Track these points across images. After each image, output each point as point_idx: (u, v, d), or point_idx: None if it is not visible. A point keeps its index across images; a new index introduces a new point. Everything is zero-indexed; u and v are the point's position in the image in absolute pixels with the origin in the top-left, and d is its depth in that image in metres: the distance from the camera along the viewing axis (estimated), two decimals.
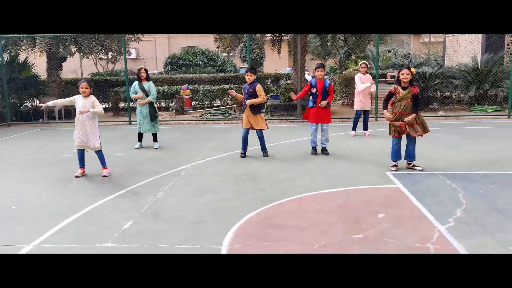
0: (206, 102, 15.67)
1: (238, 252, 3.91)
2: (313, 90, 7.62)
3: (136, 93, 8.66)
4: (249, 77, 7.59)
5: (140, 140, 8.93)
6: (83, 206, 5.30)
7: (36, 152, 8.87)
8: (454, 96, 15.08)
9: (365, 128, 9.86)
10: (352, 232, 4.28)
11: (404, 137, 6.49)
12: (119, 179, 6.55)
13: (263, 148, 7.82)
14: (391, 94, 6.40)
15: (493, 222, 4.44)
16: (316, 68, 7.66)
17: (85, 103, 6.47)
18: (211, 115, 14.00)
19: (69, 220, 4.84)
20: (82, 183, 6.41)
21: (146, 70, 8.80)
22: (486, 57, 14.58)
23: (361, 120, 9.84)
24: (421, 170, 6.43)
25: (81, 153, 6.71)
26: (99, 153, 6.70)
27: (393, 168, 6.52)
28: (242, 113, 7.83)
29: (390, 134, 6.52)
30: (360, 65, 9.91)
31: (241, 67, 25.03)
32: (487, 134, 9.61)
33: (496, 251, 3.79)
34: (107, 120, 13.51)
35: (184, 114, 14.35)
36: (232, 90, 8.00)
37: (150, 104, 8.72)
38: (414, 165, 6.56)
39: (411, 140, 6.47)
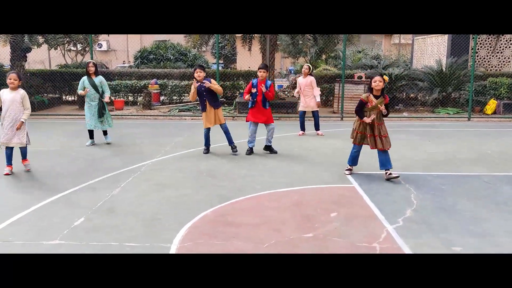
0: (175, 97, 15.56)
1: (187, 251, 3.92)
2: (253, 90, 7.61)
3: (84, 89, 8.43)
4: (199, 74, 7.46)
5: (91, 136, 8.65)
6: (37, 202, 5.20)
7: None
8: (419, 98, 15.45)
9: (317, 128, 9.94)
10: (303, 230, 4.36)
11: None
12: (76, 174, 6.45)
13: (231, 142, 7.81)
14: (362, 103, 6.11)
15: (439, 222, 4.59)
16: (259, 69, 7.64)
17: (14, 97, 6.18)
18: (179, 111, 13.90)
19: (20, 216, 4.74)
20: (38, 178, 6.28)
21: (94, 64, 8.47)
22: (450, 60, 14.99)
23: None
24: (397, 177, 6.04)
25: (10, 150, 6.41)
26: (24, 149, 6.52)
27: (347, 172, 6.48)
28: (203, 112, 7.67)
29: (353, 141, 6.27)
30: (302, 67, 9.99)
31: (213, 63, 24.92)
32: (446, 135, 9.90)
33: (438, 250, 3.92)
34: (71, 114, 13.26)
35: (151, 109, 14.21)
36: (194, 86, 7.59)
37: (99, 99, 8.44)
38: (390, 174, 6.07)
39: (383, 152, 6.11)
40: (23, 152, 6.56)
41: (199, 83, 7.46)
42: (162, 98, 15.38)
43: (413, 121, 12.59)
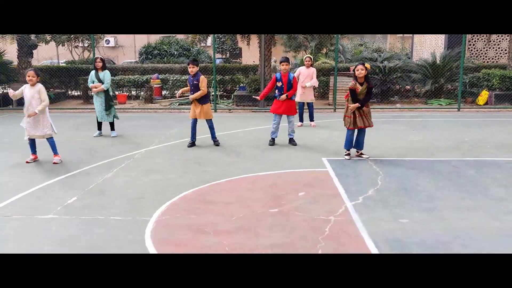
0: (176, 91, 16.07)
1: (164, 224, 4.43)
2: (279, 84, 8.06)
3: (93, 82, 8.98)
4: (191, 69, 7.89)
5: (99, 128, 9.23)
6: (36, 184, 5.75)
7: (2, 136, 9.22)
8: (412, 89, 15.78)
9: (311, 119, 10.35)
10: (271, 206, 4.85)
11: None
12: (74, 161, 6.99)
13: (214, 137, 8.23)
14: (353, 90, 6.76)
15: (396, 200, 5.05)
16: (281, 62, 8.04)
17: (32, 93, 6.69)
18: (178, 104, 14.42)
19: (19, 196, 5.30)
20: (39, 164, 6.83)
21: (102, 59, 9.03)
22: (444, 52, 15.29)
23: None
24: (368, 157, 6.93)
25: (32, 140, 6.97)
26: (50, 140, 6.97)
27: (347, 157, 6.99)
28: (190, 104, 8.17)
29: (346, 126, 6.94)
30: (304, 59, 10.40)
31: (216, 58, 25.38)
32: (432, 125, 10.28)
33: (388, 222, 4.38)
34: (76, 107, 13.84)
35: (152, 103, 14.75)
36: (179, 92, 8.28)
37: (106, 92, 8.95)
38: (362, 153, 7.04)
39: (362, 132, 6.97)
40: (51, 145, 6.95)
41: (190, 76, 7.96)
42: (163, 92, 15.93)
43: (404, 112, 12.95)
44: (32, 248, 3.90)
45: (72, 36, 15.49)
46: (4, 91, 15.63)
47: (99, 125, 9.23)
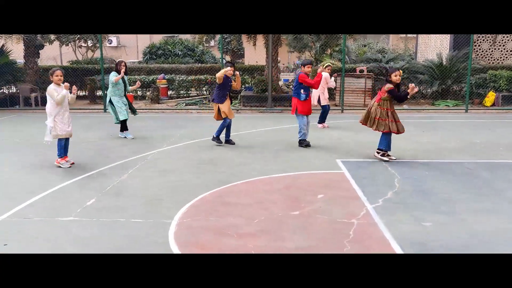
0: (182, 92, 16.09)
1: (186, 227, 4.44)
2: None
3: (124, 85, 8.95)
4: (231, 71, 8.04)
5: (126, 128, 9.02)
6: (53, 185, 5.75)
7: (12, 136, 9.23)
8: (421, 90, 15.78)
9: (323, 121, 10.44)
10: (291, 209, 4.85)
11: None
12: (88, 162, 7.00)
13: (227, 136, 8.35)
14: (393, 90, 6.70)
15: (415, 202, 5.06)
16: (305, 65, 7.95)
17: (61, 91, 6.62)
18: (185, 105, 14.43)
19: (38, 197, 5.30)
20: (53, 166, 6.83)
21: (125, 64, 8.98)
22: (450, 53, 15.29)
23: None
24: (393, 159, 6.93)
25: (66, 141, 6.77)
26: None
27: (393, 157, 6.99)
28: (222, 103, 8.10)
29: (380, 130, 6.80)
30: (326, 66, 10.59)
31: (219, 58, 25.36)
32: (440, 127, 10.29)
33: (410, 225, 4.39)
34: (83, 108, 13.84)
35: (159, 103, 14.75)
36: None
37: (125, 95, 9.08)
38: (386, 154, 6.98)
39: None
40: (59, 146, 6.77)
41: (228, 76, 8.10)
42: (169, 92, 15.93)
43: (412, 113, 12.95)
44: (56, 250, 3.90)
45: (77, 35, 15.48)
46: (10, 91, 15.65)
47: (125, 125, 9.02)
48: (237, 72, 8.22)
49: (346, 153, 7.44)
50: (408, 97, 6.88)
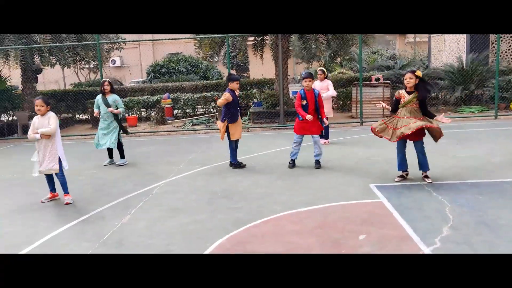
0: (188, 110, 15.28)
1: None
2: (303, 102, 7.14)
3: (99, 107, 8.21)
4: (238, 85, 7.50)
5: (110, 156, 8.44)
6: (42, 235, 4.87)
7: (3, 172, 8.40)
8: (440, 97, 14.85)
9: (326, 137, 9.35)
10: None
11: (410, 144, 6.15)
12: (85, 201, 6.12)
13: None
14: (397, 100, 6.12)
15: (482, 240, 4.10)
16: (304, 78, 7.13)
17: (43, 123, 5.89)
18: (192, 124, 13.59)
19: (23, 252, 4.41)
20: (46, 207, 5.97)
21: (110, 83, 8.22)
22: (471, 57, 14.36)
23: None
24: (430, 182, 6.02)
25: (49, 176, 6.12)
26: (60, 177, 6.03)
27: (397, 179, 6.19)
28: (234, 123, 7.40)
29: (391, 140, 6.04)
30: (317, 72, 9.53)
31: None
32: (474, 137, 9.33)
33: None
34: (84, 134, 13.06)
35: (165, 124, 13.93)
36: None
37: (116, 116, 8.21)
38: (426, 176, 6.14)
39: (417, 146, 6.10)
40: (61, 182, 6.04)
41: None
42: (175, 112, 15.12)
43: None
44: None
45: (77, 58, 14.77)
46: (9, 118, 14.92)
47: (110, 152, 8.40)
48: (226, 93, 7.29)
49: (379, 177, 6.48)
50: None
